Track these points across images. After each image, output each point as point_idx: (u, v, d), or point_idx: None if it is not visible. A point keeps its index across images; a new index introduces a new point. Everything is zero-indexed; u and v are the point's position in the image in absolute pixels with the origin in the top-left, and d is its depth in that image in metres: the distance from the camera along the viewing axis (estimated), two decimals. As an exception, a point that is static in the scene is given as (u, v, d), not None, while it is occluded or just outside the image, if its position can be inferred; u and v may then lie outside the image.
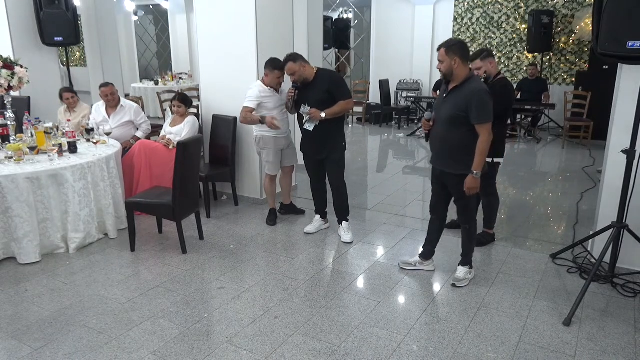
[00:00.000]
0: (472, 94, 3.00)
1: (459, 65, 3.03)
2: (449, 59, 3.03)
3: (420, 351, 2.68)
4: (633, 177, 3.15)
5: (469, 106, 3.00)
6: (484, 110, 3.00)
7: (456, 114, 3.06)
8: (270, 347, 2.70)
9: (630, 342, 2.75)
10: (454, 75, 3.07)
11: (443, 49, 3.05)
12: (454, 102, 3.09)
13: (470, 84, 3.05)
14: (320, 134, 3.93)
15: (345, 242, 4.11)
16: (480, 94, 3.01)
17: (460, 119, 3.05)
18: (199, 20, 5.00)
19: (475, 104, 2.98)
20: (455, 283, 3.38)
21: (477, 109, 2.98)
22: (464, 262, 3.45)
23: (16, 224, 3.62)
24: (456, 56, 3.02)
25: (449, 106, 3.12)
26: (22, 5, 5.96)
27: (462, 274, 3.42)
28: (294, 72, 3.84)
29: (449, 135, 3.16)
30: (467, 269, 3.44)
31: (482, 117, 3.00)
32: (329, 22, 9.88)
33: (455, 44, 3.06)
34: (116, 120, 5.02)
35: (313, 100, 3.86)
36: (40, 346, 2.70)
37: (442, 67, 3.08)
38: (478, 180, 3.09)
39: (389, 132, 9.61)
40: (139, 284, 3.42)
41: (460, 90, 3.07)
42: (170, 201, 3.77)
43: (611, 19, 2.80)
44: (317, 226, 4.33)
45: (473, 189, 3.13)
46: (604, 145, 3.77)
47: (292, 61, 3.83)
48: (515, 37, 9.48)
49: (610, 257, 3.36)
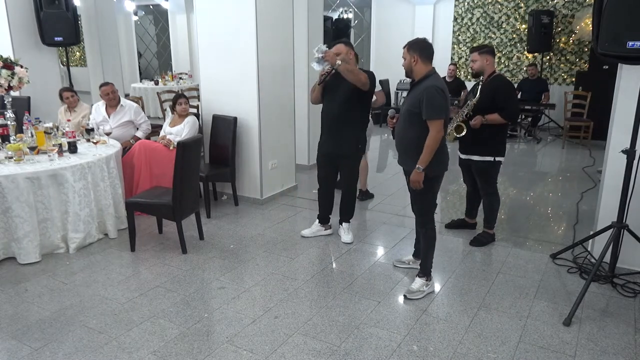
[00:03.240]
0: (425, 89, 3.01)
1: (417, 62, 3.08)
2: (409, 56, 3.10)
3: (420, 351, 2.68)
4: (633, 177, 3.15)
5: (421, 102, 3.01)
6: (432, 106, 2.98)
7: (411, 109, 3.09)
8: (270, 347, 2.70)
9: (630, 342, 2.75)
10: (414, 72, 3.12)
11: (406, 47, 3.13)
12: (411, 98, 3.13)
13: (426, 80, 3.07)
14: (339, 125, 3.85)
15: (345, 242, 4.11)
16: (431, 90, 2.99)
17: (415, 115, 3.07)
18: (199, 20, 5.00)
19: (425, 100, 2.99)
20: (407, 295, 3.20)
21: (426, 104, 2.98)
22: (421, 272, 3.29)
23: (16, 224, 3.62)
24: (415, 54, 3.08)
25: (407, 102, 3.17)
26: (22, 5, 5.95)
27: (417, 286, 3.24)
28: (340, 52, 3.70)
29: (406, 132, 3.17)
30: (423, 281, 3.26)
31: (430, 113, 2.99)
32: (329, 22, 9.86)
33: (416, 42, 3.13)
34: (116, 120, 5.02)
35: (343, 90, 3.77)
36: (40, 346, 2.70)
37: (404, 64, 3.15)
38: (421, 175, 3.05)
39: (389, 132, 9.60)
40: (139, 284, 3.42)
41: (417, 87, 3.11)
42: (170, 201, 3.77)
43: (611, 19, 2.80)
44: (315, 231, 4.25)
45: (415, 183, 3.08)
46: (604, 145, 3.77)
47: (344, 44, 3.80)
48: (515, 37, 9.48)
49: (610, 257, 3.36)
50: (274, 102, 5.00)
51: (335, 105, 3.84)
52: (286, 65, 5.16)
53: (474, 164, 3.92)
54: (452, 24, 9.99)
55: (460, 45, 9.99)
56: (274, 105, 5.02)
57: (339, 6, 11.97)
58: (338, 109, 3.83)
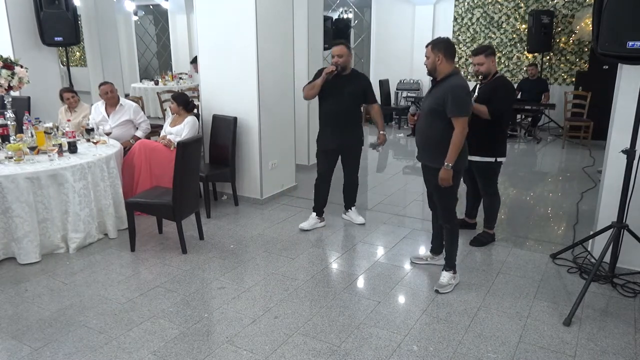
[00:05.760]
0: (450, 88, 3.09)
1: (442, 61, 3.14)
2: (433, 55, 3.17)
3: (420, 351, 2.68)
4: (633, 177, 3.15)
5: (446, 99, 3.07)
6: (458, 104, 3.06)
7: (435, 107, 3.15)
8: (270, 347, 2.70)
9: (630, 342, 2.75)
10: (438, 71, 3.18)
11: (429, 46, 3.20)
12: (435, 96, 3.19)
13: (450, 79, 3.13)
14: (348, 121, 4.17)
15: (359, 223, 4.48)
16: (457, 88, 3.08)
17: (439, 112, 3.13)
18: (199, 20, 5.00)
19: (451, 98, 3.06)
20: (438, 289, 3.28)
21: (452, 102, 3.05)
22: (447, 266, 3.37)
23: (16, 224, 3.62)
24: (440, 53, 3.14)
25: (430, 100, 3.23)
26: (22, 5, 5.95)
27: (446, 280, 3.34)
28: (342, 55, 4.03)
29: (429, 129, 3.24)
30: (450, 274, 3.35)
31: (456, 110, 3.06)
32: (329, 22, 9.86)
33: (441, 41, 3.19)
34: (116, 119, 5.02)
35: (348, 91, 4.08)
36: (40, 346, 2.70)
37: (428, 63, 3.21)
38: (450, 172, 3.12)
39: (388, 132, 9.60)
40: (139, 284, 3.42)
41: (441, 84, 3.17)
42: (170, 201, 3.77)
43: (611, 19, 2.80)
44: (313, 223, 4.40)
45: (445, 181, 3.14)
46: (604, 145, 3.77)
47: (345, 46, 4.05)
48: (515, 37, 9.47)
49: (610, 257, 3.36)
50: (274, 102, 5.00)
51: (342, 104, 4.11)
52: (286, 65, 5.16)
53: (474, 164, 3.92)
54: (452, 24, 9.98)
55: (461, 45, 9.98)
56: (274, 105, 5.02)
57: (339, 6, 11.96)
58: (345, 106, 4.12)
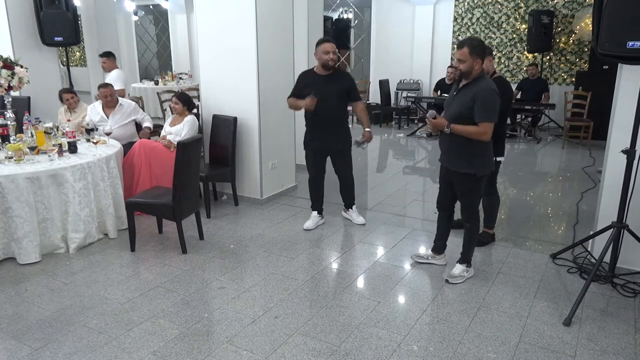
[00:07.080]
0: (481, 91, 3.00)
1: (479, 65, 3.03)
2: (471, 59, 2.99)
3: (420, 351, 2.68)
4: (633, 177, 3.15)
5: (475, 102, 3.00)
6: (486, 108, 2.99)
7: (463, 111, 3.08)
8: (270, 347, 2.70)
9: (630, 342, 2.75)
10: (472, 75, 3.06)
11: (466, 49, 2.98)
12: (462, 99, 3.10)
13: (480, 82, 3.04)
14: (336, 123, 4.24)
15: (359, 223, 4.48)
16: (488, 91, 3.00)
17: (467, 116, 3.05)
18: (199, 20, 5.00)
19: (480, 101, 2.98)
20: (449, 279, 3.39)
21: (480, 106, 2.99)
22: (462, 260, 3.46)
23: (16, 224, 3.62)
24: (479, 58, 3.01)
25: (457, 104, 3.14)
26: (22, 5, 5.96)
27: (458, 271, 3.43)
28: (336, 51, 4.14)
29: (456, 134, 3.15)
30: (464, 267, 3.44)
31: (482, 115, 3.00)
32: (329, 22, 9.87)
33: (479, 45, 3.01)
34: (116, 119, 5.02)
35: (335, 91, 4.11)
36: (40, 346, 2.70)
37: (463, 67, 3.02)
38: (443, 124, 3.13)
39: (389, 132, 9.61)
40: (139, 284, 3.42)
41: (469, 87, 3.07)
42: (170, 201, 3.77)
43: (611, 19, 2.80)
44: (316, 222, 4.46)
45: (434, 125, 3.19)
46: (604, 145, 3.77)
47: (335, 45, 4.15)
48: (515, 37, 9.48)
49: (610, 257, 3.36)
50: (273, 102, 5.00)
51: (332, 107, 4.14)
52: (286, 65, 5.16)
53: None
54: (452, 24, 9.99)
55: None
56: (274, 105, 5.01)
57: (339, 6, 11.97)
58: (335, 109, 4.18)
